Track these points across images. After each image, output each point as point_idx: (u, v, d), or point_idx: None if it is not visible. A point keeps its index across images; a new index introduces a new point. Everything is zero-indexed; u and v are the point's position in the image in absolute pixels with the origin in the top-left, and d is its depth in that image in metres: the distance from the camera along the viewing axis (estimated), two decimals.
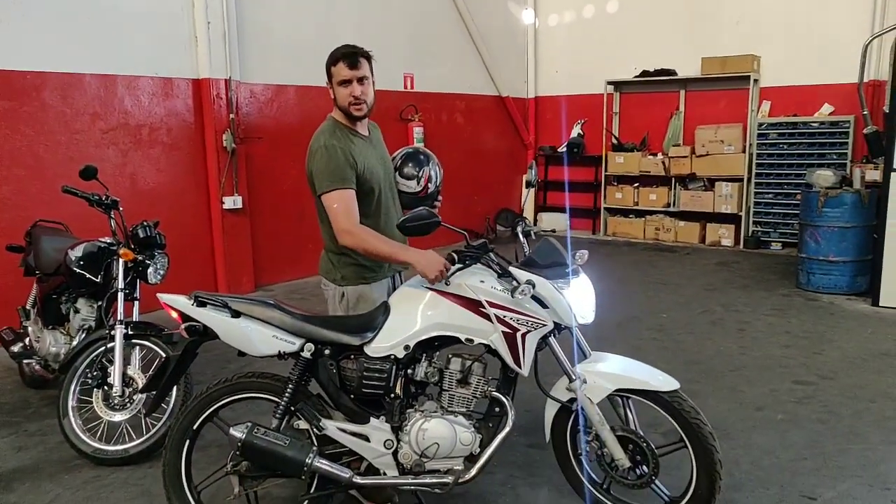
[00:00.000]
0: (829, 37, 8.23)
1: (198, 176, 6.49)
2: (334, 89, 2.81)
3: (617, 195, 9.84)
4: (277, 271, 7.24)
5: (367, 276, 2.88)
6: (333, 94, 2.83)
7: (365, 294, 2.87)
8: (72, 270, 3.66)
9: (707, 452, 2.48)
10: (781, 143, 8.47)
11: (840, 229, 6.22)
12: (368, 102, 2.82)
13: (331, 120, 2.88)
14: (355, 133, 2.87)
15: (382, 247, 2.68)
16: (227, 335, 2.53)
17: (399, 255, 2.69)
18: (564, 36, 10.41)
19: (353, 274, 2.86)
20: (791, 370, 4.49)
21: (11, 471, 3.36)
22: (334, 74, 2.79)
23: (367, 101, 2.80)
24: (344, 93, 2.77)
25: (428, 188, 3.04)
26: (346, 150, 2.74)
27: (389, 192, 2.96)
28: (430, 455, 2.54)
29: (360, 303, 2.86)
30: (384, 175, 2.93)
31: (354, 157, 2.75)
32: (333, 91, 2.82)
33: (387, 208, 2.92)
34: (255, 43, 6.77)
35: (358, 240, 2.67)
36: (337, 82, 2.79)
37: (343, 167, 2.71)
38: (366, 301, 2.85)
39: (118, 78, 5.81)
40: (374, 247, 2.68)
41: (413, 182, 3.01)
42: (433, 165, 3.09)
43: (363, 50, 2.81)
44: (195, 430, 2.64)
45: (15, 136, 5.22)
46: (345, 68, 2.75)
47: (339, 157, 2.71)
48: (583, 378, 2.59)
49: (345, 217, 2.68)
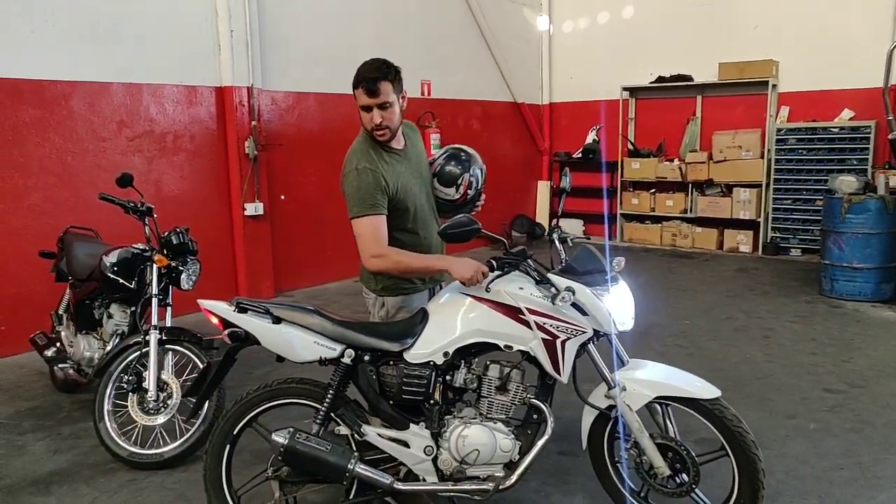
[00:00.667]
0: (849, 41, 8.20)
1: (220, 182, 6.53)
2: (358, 111, 2.72)
3: (633, 201, 9.83)
4: (298, 277, 7.27)
5: (408, 288, 2.89)
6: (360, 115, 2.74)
7: (406, 305, 2.88)
8: (106, 276, 3.69)
9: (750, 461, 2.48)
10: (800, 149, 8.44)
11: (864, 236, 6.19)
12: (392, 127, 2.71)
13: (363, 135, 2.80)
14: (389, 149, 2.80)
15: (414, 263, 2.70)
16: (269, 341, 2.55)
17: (433, 265, 2.72)
18: (579, 42, 10.43)
19: (393, 285, 2.87)
20: (820, 378, 4.47)
21: (48, 474, 3.39)
22: (356, 98, 2.69)
23: (390, 126, 2.70)
24: (366, 118, 2.69)
25: (468, 195, 2.99)
26: (377, 174, 2.67)
27: (427, 203, 2.93)
28: (471, 462, 2.55)
29: (401, 313, 2.87)
30: (420, 189, 2.88)
31: (387, 180, 2.69)
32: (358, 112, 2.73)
33: (424, 221, 2.90)
34: (276, 51, 6.83)
35: (388, 262, 2.66)
36: (359, 106, 2.70)
37: (373, 193, 2.65)
38: (406, 312, 2.86)
39: (144, 86, 5.88)
40: (405, 265, 2.69)
41: (452, 189, 2.97)
42: (475, 168, 3.00)
43: (386, 70, 2.64)
44: (235, 434, 2.66)
45: (45, 144, 5.29)
46: (364, 95, 2.64)
47: (370, 181, 2.65)
48: (622, 385, 2.59)
49: (372, 244, 2.65)
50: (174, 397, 3.48)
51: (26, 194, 5.21)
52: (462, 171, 2.98)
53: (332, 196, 7.70)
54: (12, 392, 4.50)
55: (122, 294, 3.78)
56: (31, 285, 5.19)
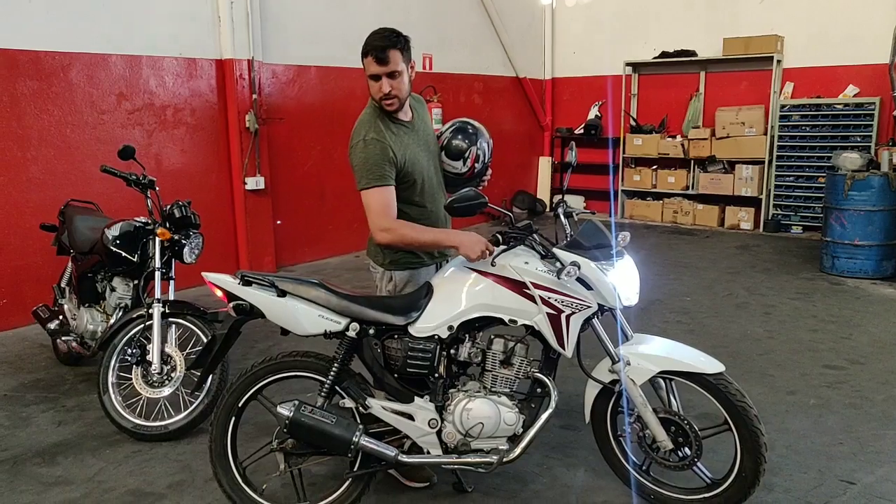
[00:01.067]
0: (855, 16, 8.12)
1: (220, 156, 6.49)
2: (367, 81, 2.70)
3: (635, 177, 9.80)
4: (298, 252, 7.27)
5: (415, 262, 2.89)
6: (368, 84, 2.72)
7: (413, 279, 2.88)
8: (109, 249, 3.68)
9: (752, 436, 2.49)
10: (804, 126, 8.39)
11: (867, 213, 6.18)
12: (401, 97, 2.69)
13: (371, 107, 2.78)
14: (397, 121, 2.78)
15: (422, 237, 2.69)
16: (274, 314, 2.55)
17: (441, 240, 2.72)
18: (582, 16, 10.31)
19: (401, 259, 2.87)
20: (820, 354, 4.49)
21: (54, 444, 3.41)
22: (365, 67, 2.66)
23: (399, 95, 2.68)
24: (374, 87, 2.67)
25: (475, 168, 2.96)
26: (385, 144, 2.66)
27: (435, 176, 2.92)
28: (475, 434, 2.56)
29: (408, 287, 2.87)
30: (428, 161, 2.87)
31: (395, 151, 2.68)
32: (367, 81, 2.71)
33: (432, 194, 2.88)
34: (277, 23, 6.75)
35: (396, 236, 2.66)
36: (368, 76, 2.67)
37: (381, 164, 2.64)
38: (413, 286, 2.86)
39: (143, 58, 5.81)
40: (413, 239, 2.68)
41: (459, 163, 2.94)
42: (482, 142, 2.96)
43: (395, 39, 2.62)
44: (240, 407, 2.67)
45: (43, 116, 5.24)
46: (373, 63, 2.62)
47: (377, 153, 2.64)
48: (626, 360, 2.60)
49: (381, 216, 2.65)
50: (178, 370, 3.50)
51: (25, 167, 5.18)
52: (469, 144, 2.95)
53: (333, 170, 7.72)
54: (16, 364, 4.51)
55: (124, 267, 3.77)
56: (32, 258, 5.19)
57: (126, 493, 2.98)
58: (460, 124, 3.03)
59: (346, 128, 2.79)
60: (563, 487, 2.98)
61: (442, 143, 2.99)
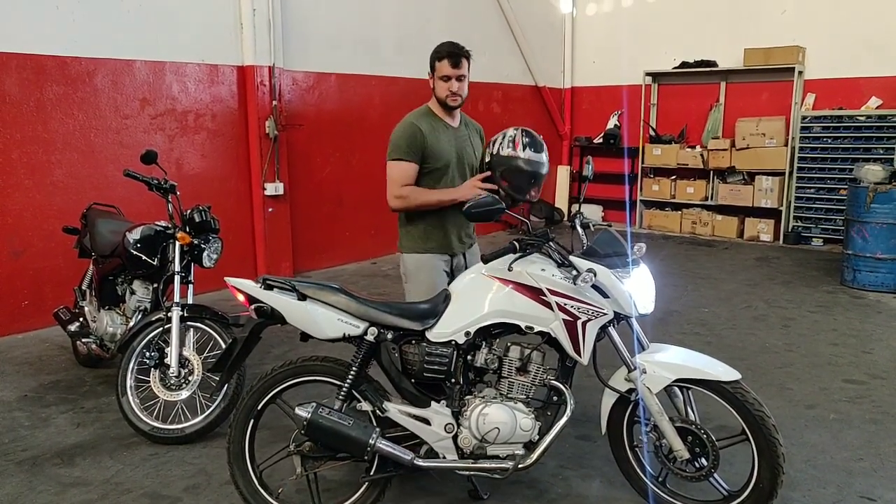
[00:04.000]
0: (878, 27, 8.04)
1: (240, 162, 6.56)
2: (434, 81, 3.17)
3: (654, 188, 9.75)
4: (316, 258, 7.30)
5: (423, 247, 3.20)
6: (433, 85, 3.18)
7: (423, 263, 3.19)
8: (129, 253, 3.72)
9: (770, 445, 2.47)
10: (825, 137, 8.31)
11: (889, 226, 6.10)
12: (463, 96, 3.18)
13: (425, 107, 3.26)
14: (442, 121, 3.21)
15: (429, 197, 3.09)
16: (294, 317, 2.57)
17: (444, 196, 3.09)
18: (602, 26, 10.31)
19: (411, 244, 3.23)
20: (840, 368, 4.43)
21: (72, 446, 3.45)
22: (438, 69, 3.13)
23: (462, 95, 3.16)
24: (443, 86, 3.13)
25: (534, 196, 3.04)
26: (419, 129, 3.09)
27: (457, 171, 3.22)
28: (491, 440, 2.56)
29: (419, 272, 3.17)
30: (451, 157, 3.18)
31: (425, 136, 3.09)
32: (434, 82, 3.17)
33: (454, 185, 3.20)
34: (298, 30, 6.81)
35: (407, 201, 3.09)
36: (439, 76, 3.13)
37: (410, 142, 3.07)
38: (423, 270, 3.15)
39: (166, 64, 5.89)
40: (421, 200, 3.09)
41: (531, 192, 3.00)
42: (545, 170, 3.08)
43: (466, 51, 3.16)
44: (259, 410, 2.69)
45: (68, 120, 5.33)
46: (448, 66, 3.10)
47: (410, 132, 3.09)
48: (642, 368, 2.59)
49: (397, 185, 3.10)
50: (195, 374, 3.52)
51: (50, 170, 5.26)
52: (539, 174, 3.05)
53: (351, 177, 7.77)
54: (36, 365, 4.57)
55: (144, 271, 3.81)
56: (54, 260, 5.27)
57: (142, 495, 3.01)
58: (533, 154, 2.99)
59: (364, 135, 2.91)
60: (579, 497, 2.96)
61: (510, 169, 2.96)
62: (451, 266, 3.28)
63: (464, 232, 3.31)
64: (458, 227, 3.26)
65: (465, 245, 3.33)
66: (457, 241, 3.27)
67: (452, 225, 3.23)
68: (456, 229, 3.25)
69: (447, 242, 3.23)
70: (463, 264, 3.30)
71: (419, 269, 3.20)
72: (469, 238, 3.37)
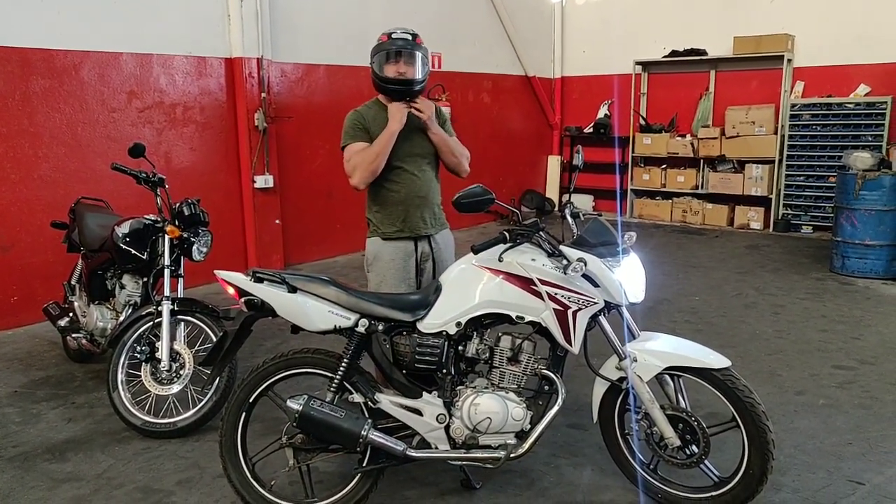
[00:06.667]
0: (866, 16, 8.06)
1: (229, 155, 6.52)
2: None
3: (644, 177, 9.77)
4: (306, 250, 7.29)
5: (382, 232, 3.19)
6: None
7: (379, 253, 3.18)
8: (118, 247, 3.70)
9: (760, 432, 2.49)
10: (815, 125, 8.34)
11: (878, 213, 6.14)
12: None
13: (374, 99, 3.26)
14: (387, 109, 3.15)
15: (372, 149, 3.05)
16: (284, 310, 2.57)
17: (383, 138, 3.04)
18: (592, 15, 10.29)
19: (372, 228, 3.24)
20: (830, 355, 4.47)
21: (64, 441, 3.44)
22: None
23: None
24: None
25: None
26: (359, 114, 3.17)
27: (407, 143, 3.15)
28: (483, 430, 2.57)
29: (375, 262, 3.20)
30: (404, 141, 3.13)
31: (368, 122, 3.14)
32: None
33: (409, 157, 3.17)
34: (286, 22, 6.77)
35: (360, 168, 3.06)
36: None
37: (354, 125, 3.14)
38: (378, 260, 3.15)
39: (153, 57, 5.84)
40: (371, 155, 3.04)
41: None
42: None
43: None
44: (251, 403, 2.69)
45: (55, 114, 5.28)
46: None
47: (353, 119, 3.16)
48: (633, 356, 2.60)
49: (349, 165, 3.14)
50: (187, 367, 3.52)
51: (37, 164, 5.22)
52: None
53: (341, 169, 7.62)
54: (26, 361, 4.55)
55: (134, 265, 3.79)
56: (43, 255, 5.23)
57: (135, 489, 3.00)
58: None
59: None
60: (570, 486, 2.98)
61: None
62: (418, 253, 3.20)
63: (428, 212, 3.21)
64: (421, 207, 3.18)
65: (431, 227, 3.22)
66: (421, 222, 3.17)
67: (415, 206, 3.15)
68: (419, 210, 3.17)
69: (412, 224, 3.15)
70: (429, 251, 3.22)
71: (376, 261, 3.18)
72: (436, 220, 3.26)
